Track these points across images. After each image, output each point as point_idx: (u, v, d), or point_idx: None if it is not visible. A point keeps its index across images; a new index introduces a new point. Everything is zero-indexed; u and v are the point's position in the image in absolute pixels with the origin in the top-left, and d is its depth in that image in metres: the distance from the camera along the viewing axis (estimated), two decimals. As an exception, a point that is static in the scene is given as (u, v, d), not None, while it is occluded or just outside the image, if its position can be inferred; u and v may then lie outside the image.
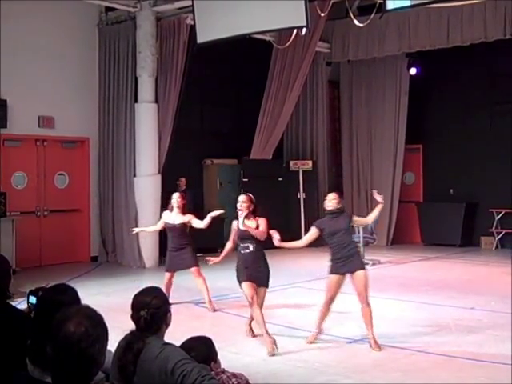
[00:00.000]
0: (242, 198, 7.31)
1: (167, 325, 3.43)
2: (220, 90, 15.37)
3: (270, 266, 7.15)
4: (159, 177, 12.96)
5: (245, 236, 7.08)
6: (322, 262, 7.74)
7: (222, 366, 4.00)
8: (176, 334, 3.76)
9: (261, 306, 6.91)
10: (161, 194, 13.04)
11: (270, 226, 7.07)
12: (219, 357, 4.00)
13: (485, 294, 9.78)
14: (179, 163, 13.65)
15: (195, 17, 11.11)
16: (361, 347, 6.94)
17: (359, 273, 6.90)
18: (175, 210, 9.00)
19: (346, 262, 6.89)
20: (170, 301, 3.65)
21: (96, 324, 2.53)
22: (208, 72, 14.80)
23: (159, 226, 9.49)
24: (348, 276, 6.96)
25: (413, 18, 14.06)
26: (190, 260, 8.96)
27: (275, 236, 6.92)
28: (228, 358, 5.52)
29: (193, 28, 11.49)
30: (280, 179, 15.26)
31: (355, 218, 7.35)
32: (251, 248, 7.05)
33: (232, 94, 15.59)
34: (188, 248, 9.08)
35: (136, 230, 10.21)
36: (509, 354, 6.52)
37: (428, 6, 11.10)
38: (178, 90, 12.90)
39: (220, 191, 15.11)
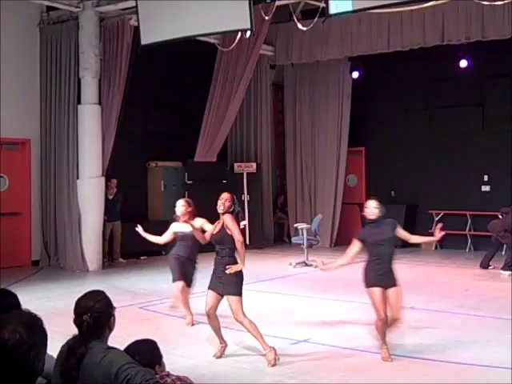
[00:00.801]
0: (224, 195, 6.65)
1: (111, 329, 3.41)
2: (164, 92, 15.31)
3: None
4: (103, 179, 12.82)
5: (212, 240, 6.65)
6: (267, 264, 7.79)
7: (167, 369, 4.00)
8: (120, 337, 3.75)
9: (236, 316, 6.41)
10: (104, 196, 12.92)
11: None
12: (164, 360, 4.00)
13: (424, 293, 10.01)
14: (123, 165, 13.53)
15: (139, 18, 11.04)
16: (304, 348, 7.02)
17: (396, 289, 6.56)
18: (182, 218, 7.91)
19: (386, 275, 6.51)
20: (114, 304, 3.63)
21: (33, 330, 2.48)
22: (152, 74, 14.72)
23: (166, 237, 8.63)
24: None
25: (355, 22, 14.30)
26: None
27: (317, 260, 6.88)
28: (173, 361, 5.52)
29: (137, 29, 11.43)
30: (224, 182, 15.27)
31: (399, 230, 6.69)
32: (217, 253, 6.56)
33: (176, 96, 15.53)
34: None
35: (140, 230, 8.87)
36: (447, 352, 6.71)
37: (369, 11, 11.29)
38: (122, 91, 12.79)
39: (164, 194, 15.03)
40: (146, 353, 3.82)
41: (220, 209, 6.51)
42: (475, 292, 10.21)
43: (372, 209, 6.62)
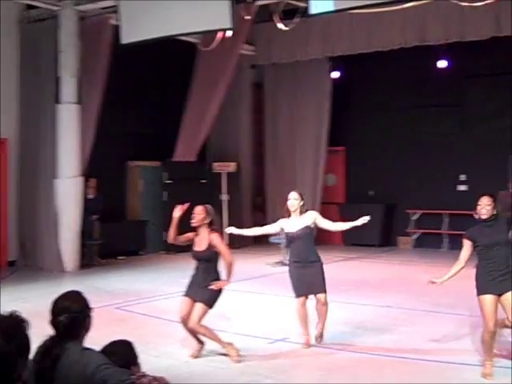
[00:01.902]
0: (196, 209, 6.55)
1: (87, 329, 3.41)
2: (144, 92, 15.25)
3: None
4: (81, 179, 12.75)
5: (196, 257, 6.54)
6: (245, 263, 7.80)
7: (143, 370, 4.01)
8: (97, 338, 3.74)
9: (193, 324, 6.36)
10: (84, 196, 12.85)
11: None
12: (140, 360, 4.00)
13: (401, 292, 10.10)
14: (102, 165, 13.48)
15: (119, 17, 11.01)
16: (282, 347, 7.05)
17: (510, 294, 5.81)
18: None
19: (502, 280, 5.79)
20: (91, 305, 3.63)
21: (9, 339, 2.44)
22: (132, 73, 14.67)
23: (274, 229, 7.37)
24: None
25: (336, 22, 14.33)
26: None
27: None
28: (149, 361, 5.51)
29: (117, 28, 11.38)
30: (203, 181, 15.28)
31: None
32: (202, 270, 6.50)
33: (156, 95, 15.48)
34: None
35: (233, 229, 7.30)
36: (423, 350, 6.78)
37: (350, 11, 11.35)
38: (101, 90, 12.72)
39: (143, 193, 15.00)
40: (122, 353, 3.83)
41: (193, 223, 6.51)
42: (452, 290, 10.30)
43: (484, 206, 5.93)
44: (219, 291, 6.47)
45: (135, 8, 10.82)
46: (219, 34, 11.87)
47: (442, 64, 14.54)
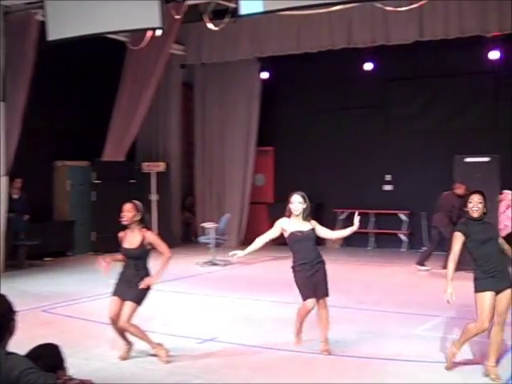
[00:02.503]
0: (125, 206, 6.43)
1: (11, 333, 3.34)
2: (72, 90, 14.98)
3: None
4: (6, 179, 12.41)
5: (126, 254, 6.45)
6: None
7: (71, 373, 3.96)
8: (22, 342, 3.68)
9: (122, 324, 6.30)
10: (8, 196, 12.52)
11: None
12: (68, 363, 3.96)
13: (330, 290, 10.25)
14: (27, 165, 13.16)
15: (45, 13, 10.77)
16: (211, 347, 7.08)
17: (508, 291, 5.76)
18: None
19: (499, 277, 5.73)
20: (15, 308, 3.56)
21: None
22: (60, 70, 14.39)
23: (276, 232, 7.12)
24: None
25: (265, 24, 14.47)
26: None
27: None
28: (78, 364, 5.46)
29: (43, 24, 11.13)
30: (133, 181, 15.13)
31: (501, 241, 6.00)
32: (132, 266, 6.43)
33: (84, 94, 15.23)
34: None
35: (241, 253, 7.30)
36: (350, 346, 6.94)
37: (279, 13, 11.46)
38: (27, 88, 12.44)
39: (71, 193, 14.74)
40: (49, 357, 3.78)
41: (124, 221, 6.43)
42: (377, 288, 10.59)
43: (476, 204, 5.81)
44: (147, 288, 6.44)
45: (61, 4, 10.59)
46: (148, 33, 11.79)
47: (368, 66, 14.88)
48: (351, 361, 6.57)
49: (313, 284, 6.61)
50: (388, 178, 15.71)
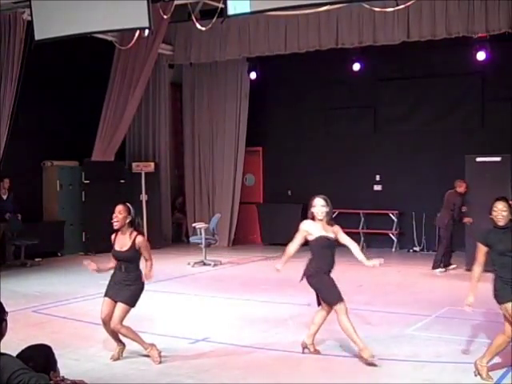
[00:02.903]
0: (117, 208, 6.41)
1: (2, 334, 3.33)
2: (61, 89, 14.90)
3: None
4: (-6, 179, 12.37)
5: (117, 256, 6.42)
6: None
7: (63, 374, 3.94)
8: (13, 343, 3.66)
9: (114, 325, 6.28)
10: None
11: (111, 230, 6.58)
12: (60, 364, 3.94)
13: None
14: (17, 165, 13.09)
15: (32, 12, 10.70)
16: (203, 347, 7.08)
17: None
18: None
19: None
20: (6, 308, 3.55)
21: None
22: (49, 70, 14.32)
23: (299, 242, 6.83)
24: None
25: (253, 24, 14.49)
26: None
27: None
28: (69, 365, 5.45)
29: (30, 24, 11.07)
30: (122, 181, 15.11)
31: None
32: (123, 269, 6.39)
33: (73, 93, 15.15)
34: None
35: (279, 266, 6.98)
36: (341, 346, 6.95)
37: (267, 13, 11.46)
38: (15, 87, 12.36)
39: (60, 194, 14.68)
40: (40, 358, 3.75)
41: (115, 224, 6.39)
42: (368, 288, 10.61)
43: (500, 211, 5.65)
44: (140, 290, 6.43)
45: (48, 3, 10.51)
46: (137, 33, 11.75)
47: (356, 67, 14.89)
48: (344, 360, 6.57)
49: (336, 287, 6.51)
50: (377, 177, 15.74)
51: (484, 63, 13.60)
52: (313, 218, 6.62)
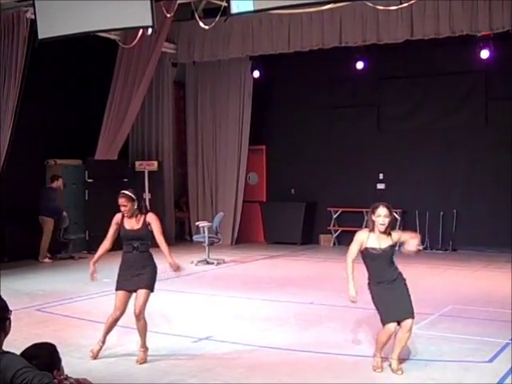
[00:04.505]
0: (120, 200, 6.46)
1: (6, 333, 3.32)
2: (64, 88, 14.91)
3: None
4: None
5: (129, 236, 6.45)
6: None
7: (66, 372, 3.95)
8: (17, 341, 3.68)
9: (140, 309, 6.34)
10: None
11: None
12: (63, 363, 3.94)
13: (323, 289, 10.30)
14: (20, 163, 13.09)
15: (36, 11, 10.71)
16: (206, 346, 7.08)
17: None
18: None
19: None
20: (10, 307, 3.55)
21: None
22: (52, 69, 14.33)
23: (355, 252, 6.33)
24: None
25: (256, 22, 14.48)
26: None
27: None
28: (72, 364, 5.45)
29: (33, 23, 11.08)
30: (125, 180, 15.09)
31: None
32: (135, 248, 6.43)
33: (77, 92, 15.15)
34: None
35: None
36: (344, 345, 6.96)
37: (270, 12, 11.47)
38: (19, 86, 12.36)
39: (64, 192, 14.68)
40: (44, 357, 3.74)
41: (126, 215, 6.45)
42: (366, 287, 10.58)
43: None
44: (156, 272, 6.49)
45: (52, 2, 10.53)
46: (140, 32, 11.76)
47: (359, 65, 14.87)
48: (345, 359, 6.57)
49: (392, 303, 6.02)
50: (381, 176, 15.72)
51: (488, 61, 13.57)
52: (373, 229, 6.12)
